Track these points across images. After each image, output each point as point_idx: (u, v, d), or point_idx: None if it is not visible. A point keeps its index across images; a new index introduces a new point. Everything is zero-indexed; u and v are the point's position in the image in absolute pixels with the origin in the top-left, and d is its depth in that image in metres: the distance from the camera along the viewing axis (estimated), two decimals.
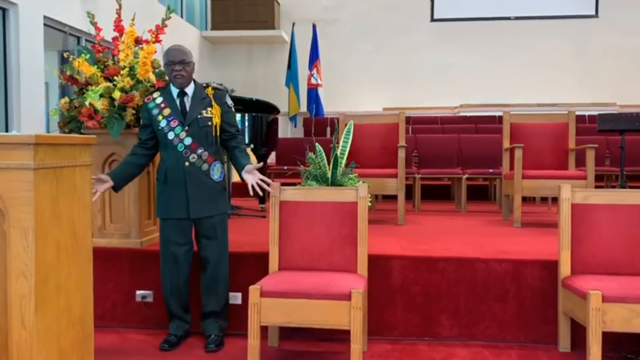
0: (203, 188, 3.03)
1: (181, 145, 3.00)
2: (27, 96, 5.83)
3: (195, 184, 3.01)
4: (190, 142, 3.00)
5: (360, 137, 4.68)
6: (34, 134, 1.93)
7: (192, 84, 3.09)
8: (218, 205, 3.09)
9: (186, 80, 3.04)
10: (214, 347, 3.02)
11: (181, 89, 3.06)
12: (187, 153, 3.00)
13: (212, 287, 3.11)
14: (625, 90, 10.56)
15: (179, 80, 3.01)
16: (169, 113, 3.03)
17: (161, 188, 3.08)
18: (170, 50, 3.03)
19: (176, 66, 2.99)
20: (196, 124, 3.02)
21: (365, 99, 11.15)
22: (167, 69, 3.03)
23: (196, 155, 3.01)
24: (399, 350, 3.04)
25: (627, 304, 2.56)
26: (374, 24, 11.22)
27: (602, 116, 5.31)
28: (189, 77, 3.05)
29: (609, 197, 2.98)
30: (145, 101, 3.11)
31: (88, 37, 6.56)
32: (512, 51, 10.95)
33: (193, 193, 3.00)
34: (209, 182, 3.05)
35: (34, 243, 1.94)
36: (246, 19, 10.98)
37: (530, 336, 3.14)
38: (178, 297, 3.12)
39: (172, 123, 3.01)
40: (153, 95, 3.11)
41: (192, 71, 3.06)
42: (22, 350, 1.96)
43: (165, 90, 3.11)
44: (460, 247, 3.50)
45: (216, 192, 3.08)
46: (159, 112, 3.04)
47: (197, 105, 3.05)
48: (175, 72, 3.00)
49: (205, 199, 3.04)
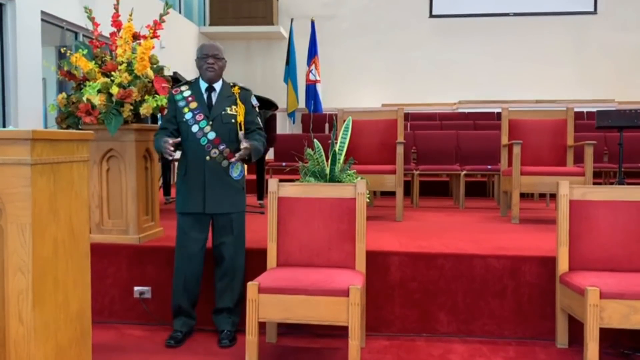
0: (221, 184, 3.06)
1: (204, 139, 3.03)
2: (25, 92, 5.81)
3: (213, 179, 3.04)
4: (213, 136, 3.03)
5: (358, 133, 4.68)
6: (31, 130, 1.92)
7: (220, 81, 3.15)
8: (236, 203, 3.13)
9: (217, 75, 3.11)
10: (228, 342, 3.04)
11: (209, 84, 3.11)
12: (209, 147, 3.03)
13: (227, 283, 3.13)
14: (624, 87, 10.55)
15: (210, 73, 3.08)
16: (195, 106, 3.08)
17: (181, 182, 3.11)
18: (204, 44, 3.13)
19: (209, 59, 3.07)
20: (220, 119, 3.06)
21: (363, 95, 11.13)
22: (200, 62, 3.10)
23: (217, 151, 3.04)
24: (397, 346, 3.04)
25: (624, 300, 2.57)
26: (373, 19, 11.19)
27: (600, 113, 5.31)
28: (219, 72, 3.12)
29: (607, 193, 2.98)
30: (173, 92, 3.15)
31: (86, 32, 6.54)
32: (511, 47, 10.93)
33: (211, 188, 3.03)
34: (228, 180, 3.08)
35: (31, 239, 1.93)
36: (244, 14, 10.95)
37: (528, 332, 3.15)
38: (189, 293, 3.13)
39: (198, 117, 3.06)
40: (181, 88, 3.16)
41: (223, 67, 3.13)
42: (20, 347, 1.96)
43: (194, 84, 3.17)
44: (458, 244, 3.50)
45: (234, 190, 3.11)
46: (185, 105, 3.09)
47: (223, 101, 3.11)
48: (207, 65, 3.07)
49: (223, 196, 3.06)
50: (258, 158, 3.36)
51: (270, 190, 3.04)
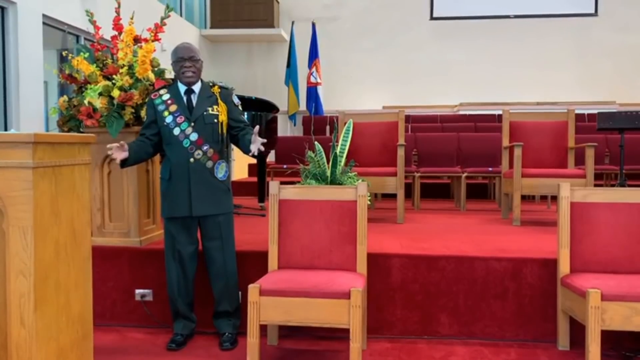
0: (207, 186, 3.02)
1: (187, 141, 3.00)
2: (26, 95, 5.82)
3: (198, 181, 3.00)
4: (196, 137, 3.00)
5: (359, 135, 4.68)
6: (33, 133, 1.92)
7: (199, 83, 3.11)
8: (222, 205, 3.09)
9: (195, 77, 3.06)
10: (229, 345, 3.04)
11: (188, 87, 3.07)
12: (192, 149, 3.00)
13: (223, 287, 3.12)
14: (625, 88, 10.55)
15: (188, 76, 3.03)
16: (175, 109, 3.04)
17: (165, 186, 3.07)
18: (179, 47, 3.06)
19: (186, 62, 3.02)
20: (202, 120, 3.03)
21: (364, 98, 11.14)
22: (176, 65, 3.05)
23: (201, 152, 3.01)
24: (398, 349, 3.04)
25: (626, 302, 2.56)
26: (374, 22, 11.20)
27: (601, 115, 5.31)
28: (197, 74, 3.07)
29: (608, 195, 2.98)
30: (152, 97, 3.11)
31: (87, 35, 6.56)
32: (512, 49, 10.93)
33: (196, 190, 3.00)
34: (213, 181, 3.04)
35: (33, 242, 1.94)
36: (246, 17, 10.97)
37: (529, 334, 3.15)
38: (184, 297, 3.13)
39: (179, 119, 3.02)
40: (160, 92, 3.11)
41: (200, 68, 3.09)
42: (22, 349, 1.96)
43: (172, 87, 3.12)
44: (459, 246, 3.50)
45: (220, 191, 3.07)
46: (165, 108, 3.05)
47: (204, 102, 3.07)
48: (184, 69, 3.02)
49: (209, 198, 3.03)
50: (259, 157, 3.33)
51: (271, 193, 3.04)
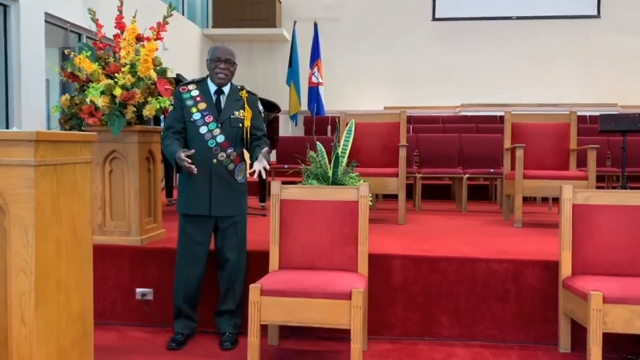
0: (227, 187, 3.05)
1: (213, 141, 3.01)
2: (28, 93, 5.82)
3: (220, 182, 3.02)
4: (222, 140, 3.02)
5: (361, 136, 4.67)
6: (35, 131, 1.92)
7: (229, 85, 3.13)
8: (240, 206, 3.13)
9: (227, 80, 3.08)
10: (230, 344, 3.04)
11: (219, 87, 3.08)
12: (217, 150, 3.02)
13: (230, 285, 3.13)
14: (627, 90, 10.55)
15: (221, 77, 3.05)
16: (204, 107, 3.04)
17: (184, 182, 3.07)
18: (218, 47, 3.09)
19: (222, 64, 3.04)
20: (229, 123, 3.04)
21: (366, 98, 11.14)
22: (211, 64, 3.06)
23: (225, 154, 3.03)
24: (399, 350, 3.03)
25: (628, 305, 2.56)
26: (376, 22, 11.20)
27: (603, 117, 5.31)
28: (230, 77, 3.10)
29: (610, 197, 2.97)
30: (180, 90, 3.10)
31: (89, 34, 6.56)
32: (514, 51, 10.93)
33: (217, 191, 3.02)
34: (233, 182, 3.07)
35: (34, 240, 1.93)
36: (247, 17, 10.97)
37: (530, 336, 3.14)
38: (190, 295, 3.13)
39: (207, 118, 3.03)
40: (188, 87, 3.11)
41: (234, 72, 3.11)
42: (22, 347, 1.95)
43: (201, 84, 3.12)
44: (460, 247, 3.49)
45: (239, 193, 3.12)
46: (193, 104, 3.05)
47: (232, 105, 3.08)
48: (219, 70, 3.04)
49: (228, 198, 3.06)
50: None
51: (272, 193, 3.03)
